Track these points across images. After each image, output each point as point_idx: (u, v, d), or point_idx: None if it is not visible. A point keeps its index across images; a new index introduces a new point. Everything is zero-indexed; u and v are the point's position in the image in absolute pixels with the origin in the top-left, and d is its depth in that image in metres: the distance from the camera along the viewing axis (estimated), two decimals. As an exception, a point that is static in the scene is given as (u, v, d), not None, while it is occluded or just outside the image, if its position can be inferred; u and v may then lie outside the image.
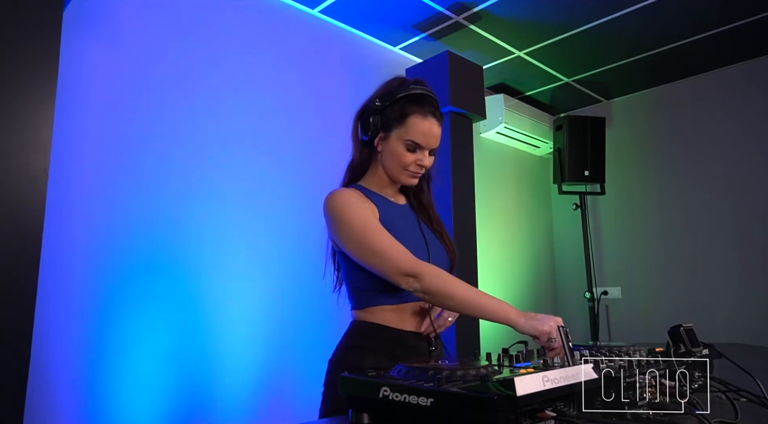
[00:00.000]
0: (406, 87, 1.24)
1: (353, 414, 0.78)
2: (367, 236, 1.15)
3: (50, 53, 1.34)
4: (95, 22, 1.97)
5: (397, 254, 1.13)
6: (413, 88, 1.23)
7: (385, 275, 1.14)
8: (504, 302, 1.09)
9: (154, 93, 2.09)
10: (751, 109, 3.29)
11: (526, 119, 3.61)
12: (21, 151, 1.26)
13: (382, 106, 1.24)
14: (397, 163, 1.25)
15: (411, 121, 1.21)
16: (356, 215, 1.18)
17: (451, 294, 1.09)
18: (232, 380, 2.12)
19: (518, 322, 1.04)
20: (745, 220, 3.24)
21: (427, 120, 1.22)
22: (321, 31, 2.75)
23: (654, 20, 2.79)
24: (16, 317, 1.22)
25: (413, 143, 1.22)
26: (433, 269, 1.12)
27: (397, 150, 1.23)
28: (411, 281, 1.11)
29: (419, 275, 1.11)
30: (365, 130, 1.28)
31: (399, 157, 1.24)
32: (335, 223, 1.20)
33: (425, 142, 1.23)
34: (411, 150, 1.23)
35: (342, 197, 1.22)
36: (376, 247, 1.14)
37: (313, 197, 2.54)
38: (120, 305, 1.89)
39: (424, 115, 1.22)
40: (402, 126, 1.22)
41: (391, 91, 1.25)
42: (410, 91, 1.23)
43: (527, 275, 3.83)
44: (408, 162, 1.24)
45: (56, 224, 1.76)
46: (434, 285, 1.10)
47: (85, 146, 1.89)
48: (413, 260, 1.13)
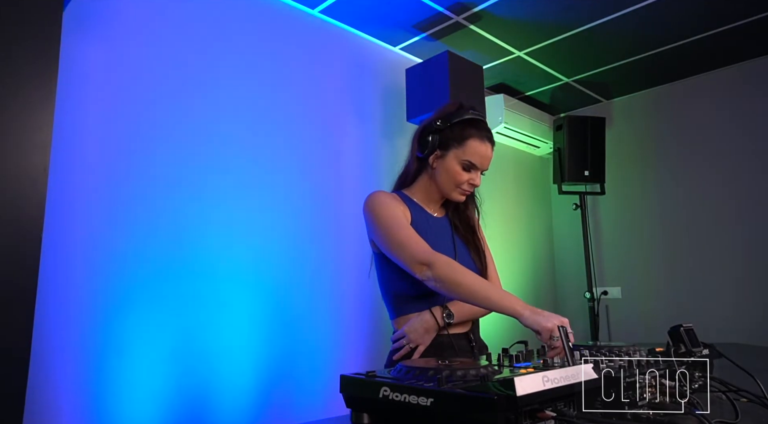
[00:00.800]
0: (465, 111, 1.35)
1: (353, 414, 0.78)
2: (392, 228, 1.26)
3: (50, 53, 1.34)
4: (95, 22, 1.97)
5: (414, 245, 1.22)
6: (472, 113, 1.35)
7: (404, 264, 1.23)
8: (512, 295, 1.16)
9: (154, 93, 2.09)
10: (751, 109, 3.29)
11: (526, 119, 3.61)
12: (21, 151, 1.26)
13: (443, 127, 1.34)
14: (451, 181, 1.35)
15: (470, 143, 1.33)
16: (386, 211, 1.30)
17: (460, 282, 1.16)
18: (233, 381, 2.12)
19: (523, 314, 1.09)
20: (744, 220, 3.24)
21: (483, 143, 1.34)
22: (321, 31, 2.75)
23: (654, 20, 2.79)
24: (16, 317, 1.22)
25: (470, 163, 1.33)
26: (445, 259, 1.20)
27: (454, 168, 1.34)
28: (424, 269, 1.19)
29: (431, 263, 1.18)
30: (422, 146, 1.37)
31: (454, 176, 1.34)
32: (370, 219, 1.32)
33: (480, 163, 1.35)
34: (466, 169, 1.34)
35: (378, 197, 1.35)
36: (398, 238, 1.24)
37: (314, 197, 2.56)
38: (120, 305, 1.89)
39: (482, 138, 1.34)
40: (461, 147, 1.33)
41: (451, 114, 1.35)
42: (470, 116, 1.34)
43: (527, 274, 3.83)
44: (462, 180, 1.35)
45: (56, 224, 1.76)
46: (444, 273, 1.16)
47: (85, 146, 1.89)
48: (428, 250, 1.21)
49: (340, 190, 2.68)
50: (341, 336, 2.49)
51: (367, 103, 2.91)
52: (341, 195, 2.67)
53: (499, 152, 3.72)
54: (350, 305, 2.56)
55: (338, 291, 2.53)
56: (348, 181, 2.73)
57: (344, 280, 2.55)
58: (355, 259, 2.62)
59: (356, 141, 2.82)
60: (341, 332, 2.49)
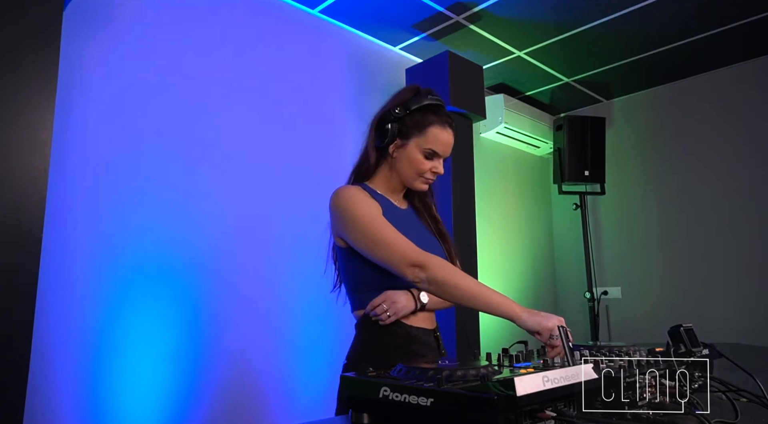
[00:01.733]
0: (423, 96, 1.29)
1: (353, 414, 0.78)
2: (373, 227, 1.19)
3: (50, 53, 1.34)
4: (95, 21, 1.97)
5: (403, 245, 1.16)
6: (431, 98, 1.29)
7: (391, 265, 1.17)
8: (508, 297, 1.11)
9: (154, 93, 2.09)
10: (751, 109, 3.29)
11: (526, 119, 3.61)
12: (21, 151, 1.26)
13: (401, 115, 1.28)
14: (413, 170, 1.29)
15: (431, 130, 1.27)
16: (362, 208, 1.23)
17: (457, 285, 1.12)
18: (233, 381, 2.12)
19: (521, 316, 1.06)
20: (744, 220, 3.24)
21: (445, 130, 1.28)
22: (321, 31, 2.75)
23: (654, 20, 2.79)
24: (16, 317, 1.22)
25: (432, 152, 1.28)
26: (439, 260, 1.15)
27: (416, 157, 1.28)
28: (417, 272, 1.14)
29: (425, 265, 1.13)
30: (381, 136, 1.31)
31: (416, 164, 1.28)
32: (341, 217, 1.25)
33: (443, 150, 1.29)
34: (428, 158, 1.28)
35: (349, 192, 1.27)
36: (382, 238, 1.18)
37: (314, 197, 2.55)
38: (120, 305, 1.89)
39: (443, 125, 1.28)
40: (422, 135, 1.27)
41: (408, 100, 1.29)
42: (429, 102, 1.28)
43: (527, 274, 3.83)
44: (425, 169, 1.29)
45: (56, 224, 1.76)
46: (440, 275, 1.12)
47: (85, 146, 1.89)
48: (419, 250, 1.16)
49: (340, 190, 2.67)
50: (341, 336, 2.49)
51: (367, 103, 2.91)
52: (341, 195, 2.67)
53: (499, 152, 3.75)
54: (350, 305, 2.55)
55: (338, 291, 2.53)
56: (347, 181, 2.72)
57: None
58: (355, 259, 2.62)
59: (356, 141, 2.80)
60: (341, 332, 2.49)
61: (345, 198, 1.26)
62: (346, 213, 1.24)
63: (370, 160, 1.36)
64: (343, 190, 1.29)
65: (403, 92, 1.34)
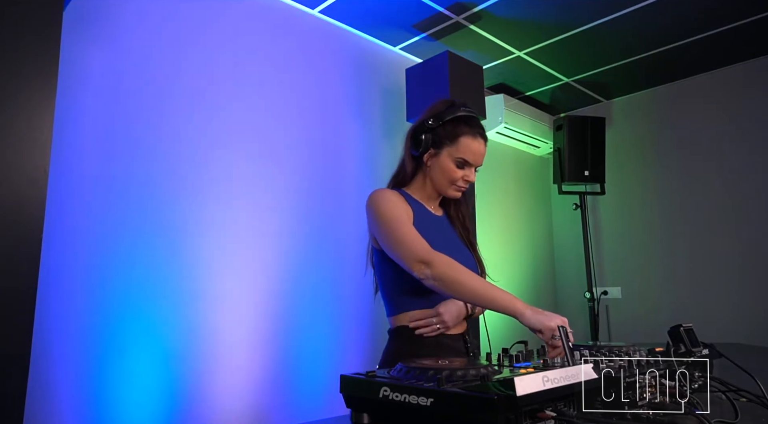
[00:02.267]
0: (456, 108, 1.36)
1: (353, 414, 0.78)
2: (392, 225, 1.26)
3: (50, 53, 1.34)
4: (95, 22, 1.97)
5: (414, 242, 1.22)
6: (464, 110, 1.36)
7: (403, 262, 1.23)
8: (512, 294, 1.16)
9: (154, 93, 2.09)
10: (751, 109, 3.29)
11: (526, 119, 3.61)
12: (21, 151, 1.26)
13: (435, 126, 1.35)
14: (445, 178, 1.36)
15: (462, 140, 1.34)
16: (389, 208, 1.30)
17: (461, 281, 1.15)
18: (233, 381, 2.12)
19: (525, 313, 1.09)
20: (744, 219, 3.24)
21: (476, 140, 1.35)
22: (321, 31, 2.75)
23: (654, 20, 2.79)
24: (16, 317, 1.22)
25: (463, 161, 1.35)
26: (444, 258, 1.19)
27: (448, 166, 1.35)
28: (423, 268, 1.19)
29: (430, 261, 1.18)
30: (416, 145, 1.38)
31: (449, 173, 1.35)
32: (372, 216, 1.33)
33: (474, 160, 1.35)
34: (460, 167, 1.35)
35: (381, 193, 1.35)
36: (397, 236, 1.25)
37: (313, 197, 2.56)
38: (120, 305, 1.89)
39: (474, 135, 1.34)
40: (454, 145, 1.34)
41: (442, 112, 1.36)
42: (461, 114, 1.35)
43: (527, 274, 3.83)
44: (456, 177, 1.36)
45: (56, 224, 1.76)
46: (444, 272, 1.16)
47: (85, 146, 1.89)
48: (427, 248, 1.21)
49: (340, 190, 2.68)
50: (341, 336, 2.49)
51: (367, 103, 2.91)
52: (341, 195, 2.67)
53: (499, 152, 3.75)
54: (350, 305, 2.56)
55: (338, 291, 2.53)
56: (348, 181, 2.73)
57: (344, 280, 2.55)
58: (356, 259, 2.62)
59: (356, 141, 2.81)
60: (341, 332, 2.49)
61: (376, 199, 1.33)
62: (374, 213, 1.31)
63: (407, 169, 1.44)
64: (377, 191, 1.36)
65: (437, 104, 1.41)
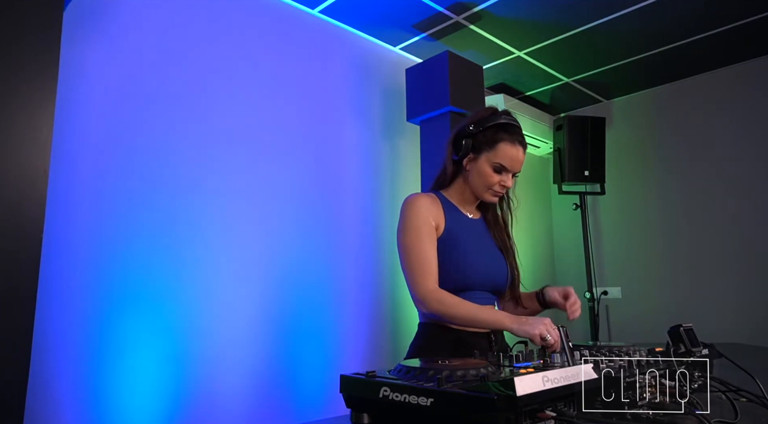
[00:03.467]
0: (497, 116, 1.39)
1: (353, 414, 0.78)
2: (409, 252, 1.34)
3: (50, 53, 1.34)
4: (95, 22, 1.97)
5: (418, 279, 1.30)
6: (504, 118, 1.39)
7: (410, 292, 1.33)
8: (499, 312, 1.27)
9: (154, 93, 2.09)
10: (751, 109, 3.28)
11: (526, 119, 3.61)
12: (21, 151, 1.26)
13: (475, 131, 1.39)
14: (483, 183, 1.40)
15: (501, 146, 1.37)
16: (413, 228, 1.35)
17: (454, 315, 1.27)
18: (233, 381, 2.12)
19: (512, 327, 1.18)
20: (744, 219, 3.23)
21: (514, 147, 1.37)
22: (321, 31, 2.75)
23: (654, 20, 2.79)
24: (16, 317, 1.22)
25: (500, 166, 1.38)
26: (438, 295, 1.28)
27: (485, 171, 1.39)
28: (419, 306, 1.30)
29: (424, 303, 1.28)
30: (456, 150, 1.43)
31: (486, 178, 1.39)
32: (399, 225, 1.39)
33: (511, 165, 1.38)
34: (497, 172, 1.38)
35: (414, 205, 1.39)
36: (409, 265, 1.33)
37: (313, 197, 2.55)
38: (120, 305, 1.89)
39: (513, 142, 1.37)
40: (492, 150, 1.37)
41: (483, 119, 1.40)
42: (501, 121, 1.38)
43: (527, 275, 3.80)
44: (493, 182, 1.39)
45: (56, 224, 1.76)
46: (438, 310, 1.27)
47: (85, 146, 1.89)
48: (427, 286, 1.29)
49: (339, 190, 2.68)
50: (341, 336, 2.49)
51: (367, 103, 2.91)
52: (341, 195, 2.67)
53: (499, 152, 3.74)
54: (350, 305, 2.56)
55: (338, 291, 2.53)
56: (348, 181, 2.73)
57: (344, 279, 2.55)
58: (356, 259, 2.62)
59: (356, 141, 2.81)
60: (341, 332, 2.49)
61: (407, 207, 1.39)
62: (401, 222, 1.38)
63: (447, 172, 1.48)
64: (411, 198, 1.40)
65: (480, 111, 1.44)
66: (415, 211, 1.37)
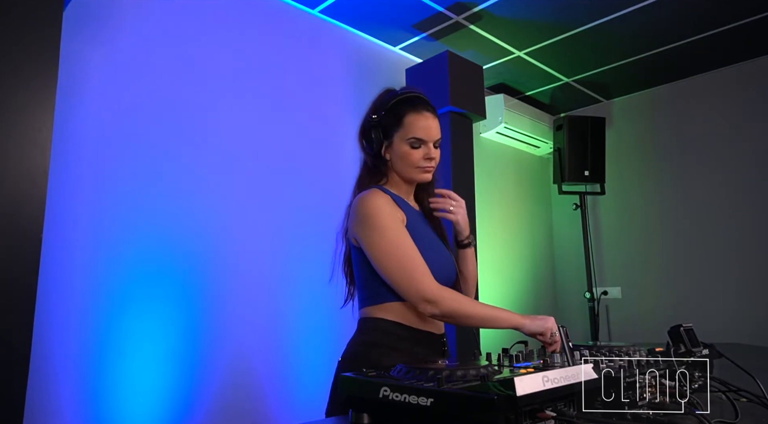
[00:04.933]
0: (395, 94, 1.32)
1: (353, 414, 0.78)
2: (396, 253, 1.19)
3: (50, 53, 1.34)
4: (95, 22, 1.97)
5: (421, 278, 1.17)
6: (402, 92, 1.32)
7: (405, 295, 1.19)
8: (509, 311, 1.19)
9: (154, 93, 2.09)
10: (751, 109, 3.29)
11: (526, 119, 3.61)
12: (21, 151, 1.26)
13: (379, 118, 1.31)
14: (407, 164, 1.30)
15: (407, 120, 1.28)
16: (389, 227, 1.21)
17: (468, 315, 1.17)
18: (233, 381, 2.12)
19: (525, 323, 1.14)
20: (744, 219, 3.24)
21: (422, 115, 1.28)
22: (321, 31, 2.75)
23: (654, 20, 2.79)
24: (16, 317, 1.22)
25: (416, 139, 1.27)
26: (449, 294, 1.17)
27: (404, 150, 1.29)
28: (430, 307, 1.16)
29: (438, 302, 1.15)
30: (369, 144, 1.34)
31: (407, 157, 1.29)
32: (365, 226, 1.23)
33: (426, 135, 1.28)
34: (416, 147, 1.28)
35: (376, 203, 1.23)
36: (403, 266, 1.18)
37: (313, 197, 2.55)
38: (120, 305, 1.89)
39: (418, 111, 1.29)
40: (401, 128, 1.28)
41: (383, 102, 1.33)
42: (400, 96, 1.31)
43: (527, 275, 3.83)
44: (416, 158, 1.28)
45: (56, 224, 1.76)
46: (452, 308, 1.16)
47: (85, 146, 1.89)
48: (432, 285, 1.17)
49: (339, 190, 2.67)
50: (341, 336, 2.49)
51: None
52: (341, 195, 2.66)
53: (499, 152, 3.75)
54: (349, 305, 2.55)
55: (338, 291, 2.53)
56: (348, 181, 2.71)
57: (344, 279, 2.55)
58: (355, 259, 2.62)
59: (356, 141, 2.81)
60: (341, 332, 2.49)
61: (371, 208, 1.23)
62: (369, 225, 1.22)
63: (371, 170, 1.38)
64: (370, 197, 1.25)
65: (377, 98, 1.37)
66: (381, 209, 1.22)
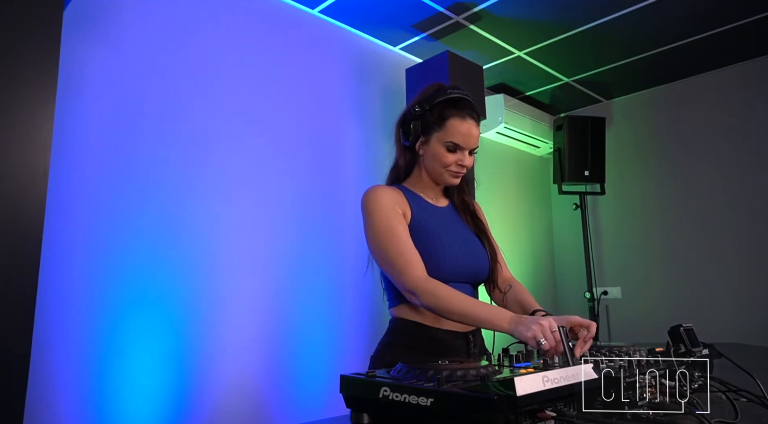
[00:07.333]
0: (443, 92, 1.29)
1: (353, 414, 0.78)
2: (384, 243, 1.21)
3: (50, 53, 1.34)
4: (95, 22, 1.97)
5: (404, 268, 1.17)
6: (450, 92, 1.28)
7: (396, 287, 1.22)
8: (498, 309, 1.10)
9: (154, 93, 2.09)
10: (751, 109, 3.29)
11: (526, 119, 3.61)
12: (21, 151, 1.26)
13: (422, 112, 1.29)
14: (438, 164, 1.29)
15: (450, 123, 1.26)
16: (381, 218, 1.23)
17: (448, 310, 1.12)
18: (233, 381, 2.12)
19: (507, 329, 1.05)
20: (744, 219, 3.24)
21: (465, 122, 1.27)
22: (321, 31, 2.75)
23: (654, 20, 2.79)
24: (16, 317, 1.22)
25: (453, 144, 1.27)
26: (429, 287, 1.15)
27: (438, 152, 1.28)
28: (412, 297, 1.17)
29: (417, 293, 1.15)
30: (406, 135, 1.33)
31: (440, 159, 1.28)
32: (364, 222, 1.27)
33: (464, 142, 1.27)
34: (451, 151, 1.28)
35: (374, 197, 1.27)
36: (389, 257, 1.20)
37: (313, 196, 2.56)
38: (120, 305, 1.89)
39: (462, 117, 1.27)
40: (442, 129, 1.27)
41: (429, 97, 1.30)
42: (448, 96, 1.27)
43: (527, 275, 3.83)
44: (449, 162, 1.28)
45: (56, 224, 1.76)
46: (431, 302, 1.14)
47: (85, 146, 1.89)
48: (414, 277, 1.17)
49: (339, 190, 2.68)
50: (341, 336, 2.49)
51: (367, 103, 2.91)
52: (340, 195, 2.67)
53: (499, 152, 3.75)
54: (349, 305, 2.56)
55: (338, 291, 2.53)
56: (347, 181, 2.73)
57: (344, 279, 2.55)
58: (355, 258, 2.62)
59: (356, 141, 2.82)
60: (341, 332, 2.49)
61: (369, 203, 1.26)
62: (366, 220, 1.26)
63: (401, 162, 1.38)
64: (370, 192, 1.28)
65: (424, 90, 1.34)
66: (377, 201, 1.25)
